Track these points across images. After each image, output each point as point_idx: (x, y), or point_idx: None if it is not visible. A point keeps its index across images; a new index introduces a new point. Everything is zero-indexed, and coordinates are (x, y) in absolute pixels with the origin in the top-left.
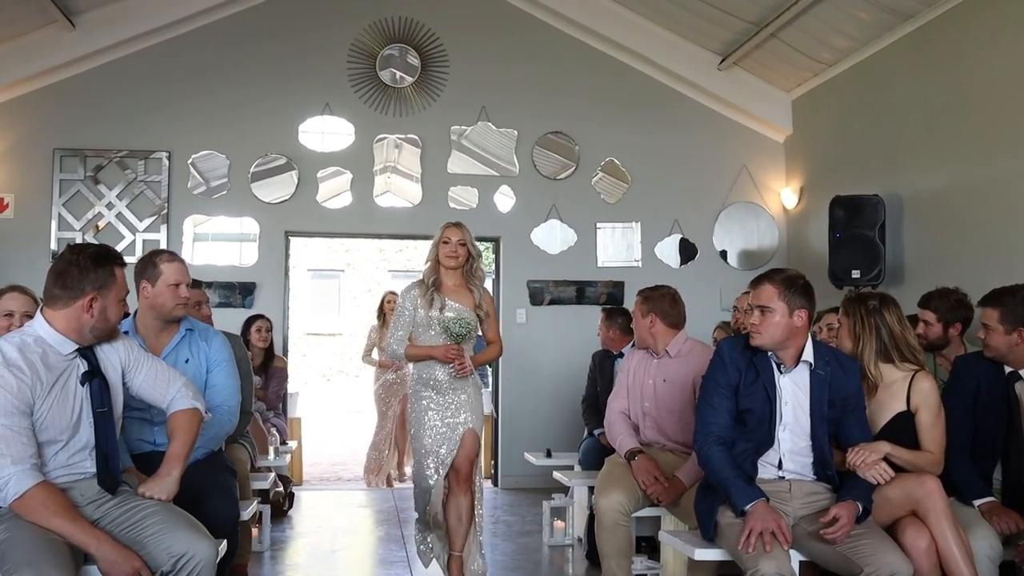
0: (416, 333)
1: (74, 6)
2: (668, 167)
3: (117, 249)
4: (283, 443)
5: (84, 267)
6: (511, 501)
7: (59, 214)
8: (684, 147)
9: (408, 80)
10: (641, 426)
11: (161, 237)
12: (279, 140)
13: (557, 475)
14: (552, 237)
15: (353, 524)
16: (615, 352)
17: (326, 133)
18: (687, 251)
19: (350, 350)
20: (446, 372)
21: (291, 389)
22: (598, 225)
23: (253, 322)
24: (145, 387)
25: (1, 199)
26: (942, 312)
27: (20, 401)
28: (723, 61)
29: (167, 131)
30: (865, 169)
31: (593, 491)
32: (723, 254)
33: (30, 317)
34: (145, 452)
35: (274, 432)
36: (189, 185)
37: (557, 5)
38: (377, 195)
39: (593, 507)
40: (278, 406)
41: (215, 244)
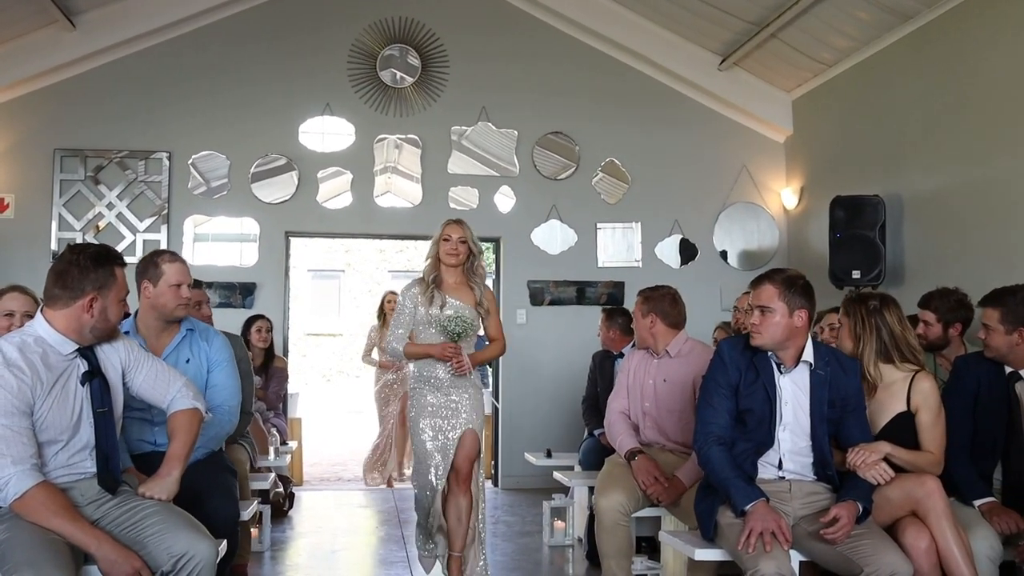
0: (417, 331)
1: (74, 6)
2: (668, 167)
3: (117, 249)
4: (283, 443)
5: (84, 267)
6: (511, 501)
7: (59, 214)
8: (684, 147)
9: (408, 80)
10: (641, 426)
11: (161, 237)
12: (279, 140)
13: (557, 475)
14: (552, 237)
15: (353, 524)
16: (615, 352)
17: (326, 133)
18: (687, 251)
19: (350, 350)
20: (447, 370)
21: (291, 389)
22: (598, 225)
23: (253, 322)
24: (145, 387)
25: (1, 199)
26: (942, 312)
27: (20, 401)
28: (723, 61)
29: (167, 131)
30: (865, 169)
31: (593, 491)
32: (723, 254)
33: (31, 317)
34: (146, 452)
35: (274, 432)
36: (189, 185)
37: (557, 5)
38: (377, 195)
39: (593, 507)
40: (278, 406)
41: (215, 244)
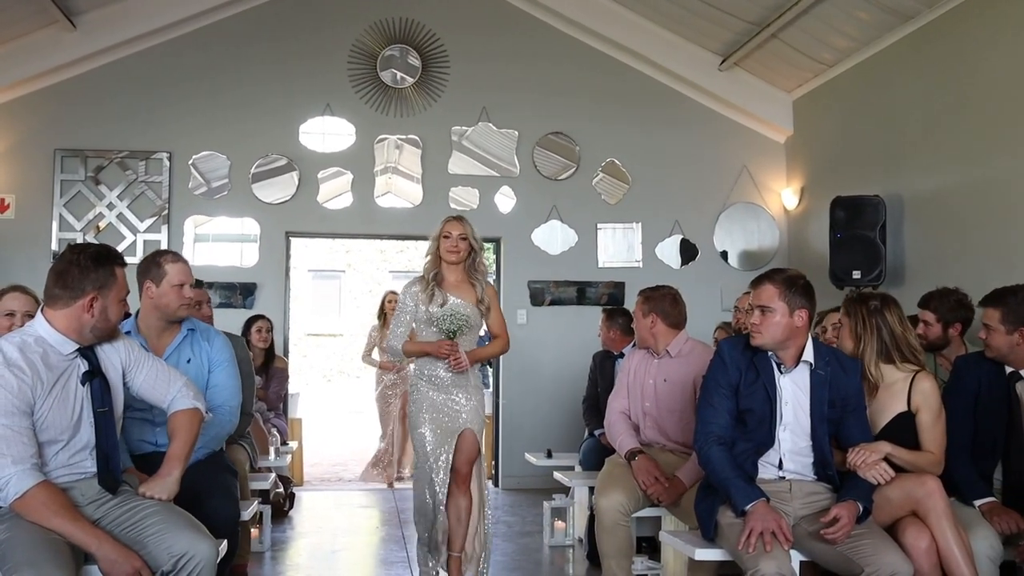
0: (418, 329)
1: (75, 7)
2: (669, 168)
3: (117, 249)
4: (284, 444)
5: (85, 267)
6: (512, 502)
7: (60, 214)
8: (685, 147)
9: (409, 81)
10: (641, 426)
11: (162, 238)
12: (280, 141)
13: (558, 475)
14: (553, 238)
15: (354, 524)
16: (616, 352)
17: (327, 134)
18: (688, 252)
19: (351, 351)
20: (448, 369)
21: (292, 390)
22: (599, 226)
23: (254, 322)
24: (146, 387)
25: (2, 199)
26: (941, 312)
27: (21, 401)
28: (724, 61)
29: (168, 132)
30: (866, 169)
31: (594, 491)
32: (724, 255)
33: (31, 317)
34: (147, 453)
35: (275, 433)
36: (190, 186)
37: (557, 5)
38: (378, 196)
39: (593, 507)
40: (279, 406)
41: (216, 245)
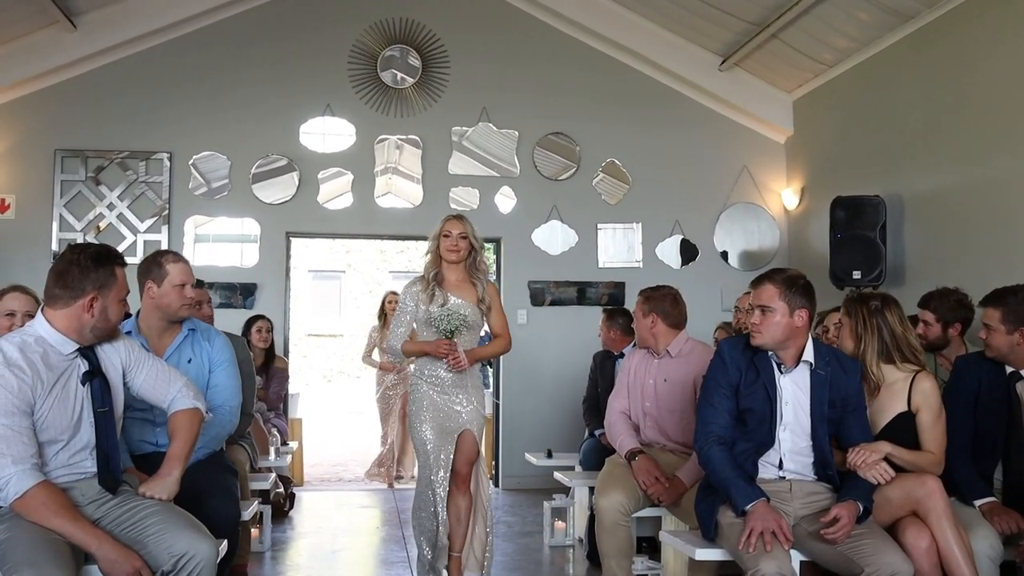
0: (418, 330)
1: (75, 7)
2: (669, 168)
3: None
4: (284, 444)
5: (85, 267)
6: (512, 502)
7: (60, 215)
8: (685, 148)
9: (409, 81)
10: (642, 426)
11: (162, 238)
12: (280, 141)
13: (558, 475)
14: (553, 238)
15: (354, 524)
16: (616, 352)
17: (327, 134)
18: (688, 252)
19: (351, 351)
20: (448, 369)
21: (292, 390)
22: (599, 226)
23: (254, 322)
24: (146, 387)
25: (2, 200)
26: (941, 312)
27: (21, 401)
28: (724, 62)
29: (168, 132)
30: (866, 170)
31: (594, 491)
32: (724, 255)
33: (32, 317)
34: (147, 453)
35: (275, 433)
36: (190, 186)
37: (557, 6)
38: (378, 196)
39: (594, 507)
40: (279, 407)
41: (216, 245)
